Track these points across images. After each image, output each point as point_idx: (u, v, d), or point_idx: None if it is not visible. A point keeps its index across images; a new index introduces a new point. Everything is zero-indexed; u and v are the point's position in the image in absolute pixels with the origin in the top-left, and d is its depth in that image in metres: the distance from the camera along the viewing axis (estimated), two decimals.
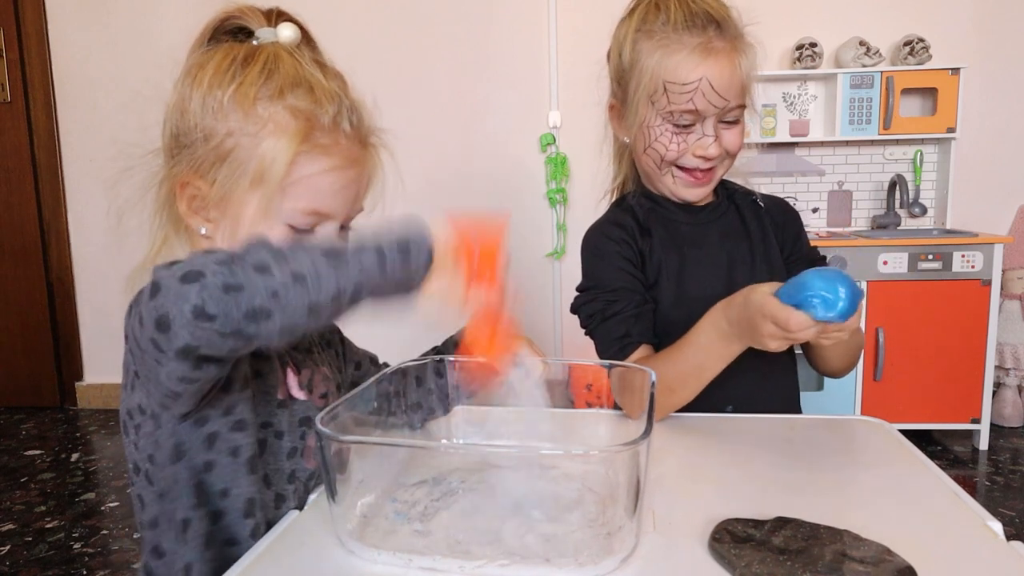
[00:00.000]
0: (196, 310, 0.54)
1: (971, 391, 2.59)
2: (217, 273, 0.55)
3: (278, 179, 0.70)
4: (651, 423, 0.64)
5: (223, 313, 0.55)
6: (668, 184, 1.10)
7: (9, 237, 3.27)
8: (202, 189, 0.73)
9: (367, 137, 0.78)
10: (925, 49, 2.78)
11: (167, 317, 0.55)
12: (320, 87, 0.73)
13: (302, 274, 0.57)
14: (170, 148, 0.75)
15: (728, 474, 0.81)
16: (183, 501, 0.70)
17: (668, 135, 1.04)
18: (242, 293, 0.55)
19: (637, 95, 1.05)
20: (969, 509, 0.69)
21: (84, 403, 3.37)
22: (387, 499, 0.71)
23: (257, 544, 0.67)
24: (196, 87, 0.72)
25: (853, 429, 0.95)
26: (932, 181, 2.98)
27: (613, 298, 1.08)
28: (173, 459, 0.69)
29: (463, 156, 3.07)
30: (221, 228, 0.74)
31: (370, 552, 0.62)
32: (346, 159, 0.74)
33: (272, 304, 0.56)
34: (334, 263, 0.58)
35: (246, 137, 0.71)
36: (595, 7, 2.97)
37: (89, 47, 3.13)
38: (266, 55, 0.72)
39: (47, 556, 2.01)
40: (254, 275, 0.56)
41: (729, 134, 1.05)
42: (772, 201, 1.20)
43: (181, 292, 0.54)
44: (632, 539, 0.62)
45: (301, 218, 0.73)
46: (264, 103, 0.71)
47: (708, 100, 1.00)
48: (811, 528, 0.62)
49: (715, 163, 1.06)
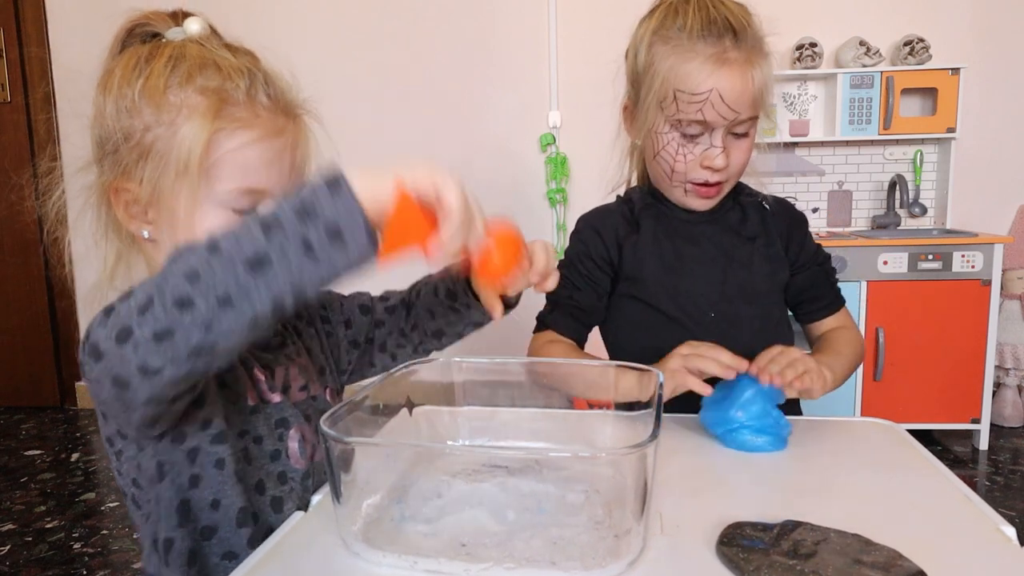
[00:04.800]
0: (141, 368, 0.55)
1: (971, 391, 2.59)
2: (143, 324, 0.54)
3: (197, 161, 0.68)
4: (659, 424, 0.64)
5: (168, 361, 0.55)
6: (678, 196, 1.10)
7: (9, 237, 3.26)
8: (133, 191, 0.72)
9: (290, 107, 0.76)
10: (925, 49, 2.78)
11: (121, 377, 0.56)
12: (228, 63, 0.71)
13: (228, 296, 0.53)
14: (96, 158, 0.75)
15: (736, 477, 0.81)
16: (165, 522, 0.70)
17: (675, 144, 1.04)
18: (174, 337, 0.54)
19: (648, 99, 1.04)
20: (981, 513, 0.69)
21: (84, 403, 3.36)
22: (392, 500, 0.71)
23: (263, 545, 0.66)
24: (108, 92, 0.72)
25: (861, 431, 0.95)
26: (932, 181, 2.98)
27: (563, 282, 1.11)
28: (156, 478, 0.69)
29: (463, 156, 3.06)
30: (160, 227, 0.73)
31: (375, 554, 0.62)
32: (268, 130, 0.72)
33: (207, 337, 0.54)
34: (258, 272, 0.53)
35: (162, 127, 0.69)
36: (595, 7, 2.97)
37: (89, 47, 3.11)
38: (171, 48, 0.71)
39: (47, 556, 2.00)
40: (178, 314, 0.53)
41: (738, 146, 1.04)
42: (779, 204, 1.19)
43: (121, 355, 0.55)
44: (639, 542, 0.62)
45: (237, 199, 0.71)
46: (174, 91, 0.70)
47: (717, 112, 0.99)
48: (821, 532, 0.62)
49: (722, 176, 1.05)
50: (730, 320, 1.10)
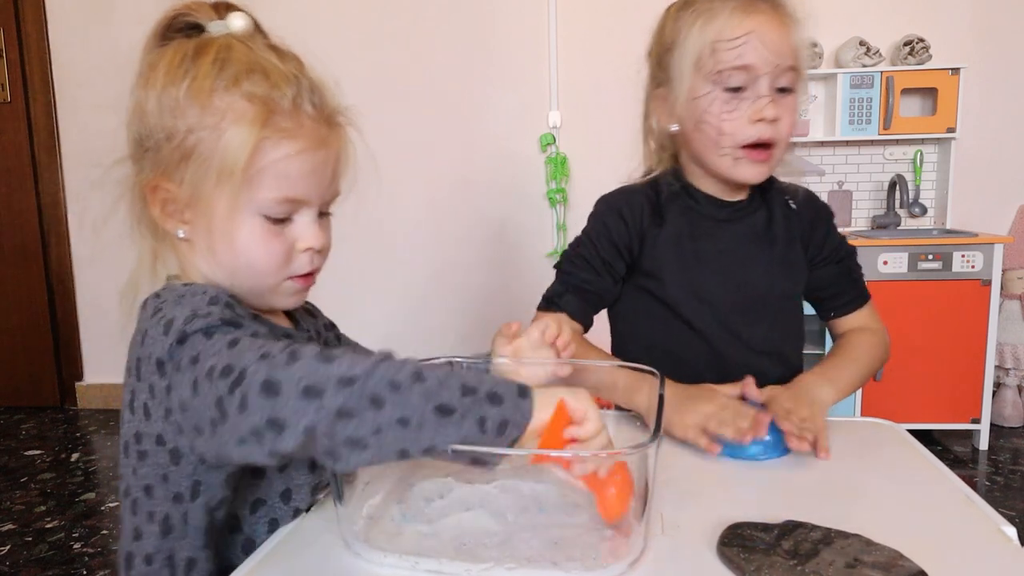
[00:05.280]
0: (308, 431, 0.55)
1: (971, 391, 2.59)
2: (336, 395, 0.55)
3: (241, 168, 0.68)
4: (659, 425, 0.64)
5: (328, 435, 0.55)
6: (726, 166, 1.02)
7: (9, 237, 3.26)
8: (172, 191, 0.71)
9: (332, 116, 0.76)
10: (925, 49, 2.78)
11: (282, 423, 0.55)
12: (276, 71, 0.71)
13: (407, 419, 0.56)
14: (135, 154, 0.74)
15: (737, 477, 0.81)
16: (190, 540, 0.69)
17: (719, 104, 0.98)
18: (351, 421, 0.55)
19: (682, 66, 0.99)
20: (982, 513, 0.69)
21: (84, 403, 3.36)
22: (393, 501, 0.71)
23: (263, 546, 0.66)
24: (151, 88, 0.71)
25: (862, 431, 0.95)
26: (932, 181, 2.98)
27: (579, 263, 1.11)
28: (189, 497, 0.67)
29: (463, 156, 3.06)
30: (197, 228, 0.72)
31: (376, 554, 0.62)
32: (312, 141, 0.72)
33: (372, 440, 0.55)
34: (441, 419, 0.56)
35: (206, 131, 0.69)
36: (595, 7, 2.97)
37: (89, 47, 3.12)
38: (217, 46, 0.70)
39: (47, 556, 2.00)
40: (368, 406, 0.55)
41: (784, 104, 0.98)
42: (806, 201, 1.14)
43: (299, 408, 0.55)
44: (640, 542, 0.62)
45: (275, 207, 0.71)
46: (220, 94, 0.69)
47: (759, 54, 0.95)
48: (821, 532, 0.62)
49: (773, 133, 0.98)
50: (742, 326, 1.08)
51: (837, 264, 1.15)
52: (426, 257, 3.12)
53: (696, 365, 1.07)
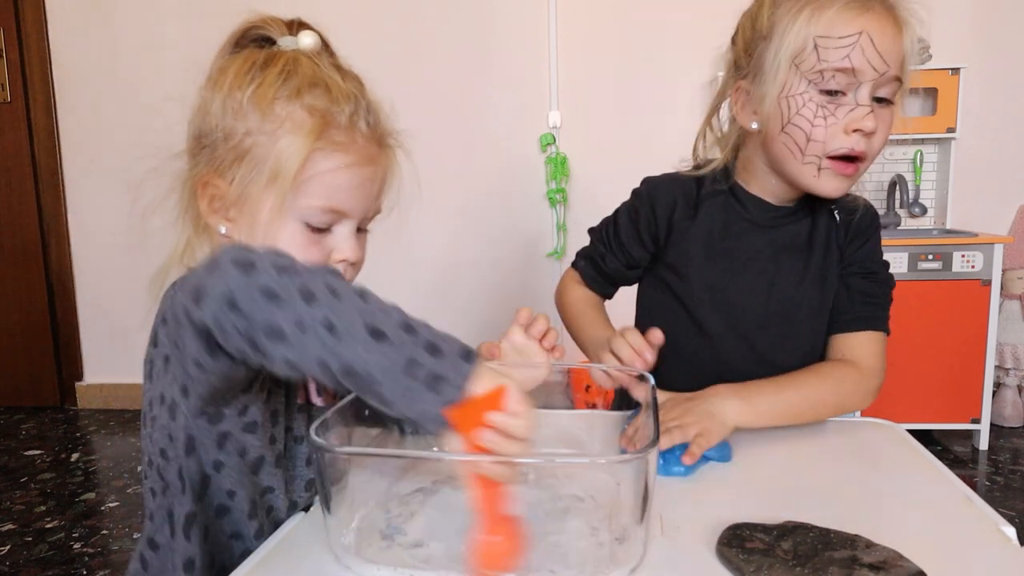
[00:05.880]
0: (227, 296, 0.55)
1: (971, 391, 2.59)
2: (267, 273, 0.55)
3: (292, 174, 0.71)
4: (657, 430, 0.64)
5: (247, 312, 0.54)
6: (808, 175, 0.93)
7: (9, 237, 3.26)
8: (222, 188, 0.74)
9: (384, 138, 0.80)
10: (925, 49, 2.77)
11: (203, 290, 0.55)
12: (337, 87, 0.74)
13: (334, 325, 0.54)
14: (192, 150, 0.77)
15: (736, 478, 0.81)
16: (186, 496, 0.70)
17: (813, 107, 0.89)
18: (274, 305, 0.54)
19: (778, 59, 0.90)
20: (982, 513, 0.69)
21: (84, 403, 3.36)
22: (381, 510, 0.70)
23: (255, 553, 0.66)
24: (218, 90, 0.74)
25: (862, 431, 0.95)
26: (932, 181, 2.98)
27: (602, 236, 1.13)
28: (186, 451, 0.69)
29: (463, 156, 3.06)
30: (240, 227, 0.75)
31: (368, 567, 0.61)
32: (362, 157, 0.75)
33: (291, 333, 0.54)
34: (370, 340, 0.54)
35: (263, 136, 0.72)
36: (595, 7, 2.97)
37: (89, 47, 3.12)
38: (285, 59, 0.74)
39: (47, 556, 2.00)
40: (297, 297, 0.54)
41: (882, 116, 0.90)
42: (853, 211, 1.05)
43: (225, 273, 0.55)
44: (640, 548, 0.61)
45: (318, 215, 0.74)
46: (282, 103, 0.72)
47: (867, 58, 0.86)
48: (821, 533, 0.62)
49: (867, 147, 0.90)
50: (758, 337, 1.04)
51: (862, 278, 1.06)
52: (425, 257, 3.12)
53: (699, 369, 1.03)
